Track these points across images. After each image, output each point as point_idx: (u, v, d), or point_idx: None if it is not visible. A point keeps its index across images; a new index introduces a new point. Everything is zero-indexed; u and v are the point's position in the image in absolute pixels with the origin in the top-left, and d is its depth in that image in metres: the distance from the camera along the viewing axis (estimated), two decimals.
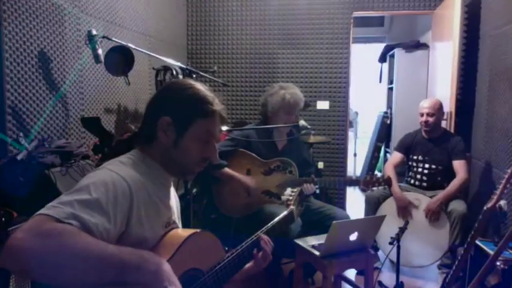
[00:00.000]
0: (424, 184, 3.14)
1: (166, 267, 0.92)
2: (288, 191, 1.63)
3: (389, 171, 3.18)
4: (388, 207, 3.05)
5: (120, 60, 2.31)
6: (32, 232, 0.82)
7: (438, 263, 2.96)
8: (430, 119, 3.05)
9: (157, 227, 1.09)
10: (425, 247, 2.93)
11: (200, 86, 1.15)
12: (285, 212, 1.49)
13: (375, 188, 3.00)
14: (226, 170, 2.59)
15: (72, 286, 0.85)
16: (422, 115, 3.09)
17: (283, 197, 1.60)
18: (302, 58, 3.99)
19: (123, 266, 0.86)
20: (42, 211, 0.87)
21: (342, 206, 4.03)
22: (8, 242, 0.80)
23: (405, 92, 4.93)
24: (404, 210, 2.99)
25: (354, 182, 2.98)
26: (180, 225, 1.25)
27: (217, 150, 1.18)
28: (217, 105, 1.14)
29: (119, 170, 1.02)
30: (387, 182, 2.62)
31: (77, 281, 0.83)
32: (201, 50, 4.13)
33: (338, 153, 4.04)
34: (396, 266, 2.26)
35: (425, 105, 3.09)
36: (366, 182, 2.58)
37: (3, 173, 1.55)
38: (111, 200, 0.94)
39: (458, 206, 2.85)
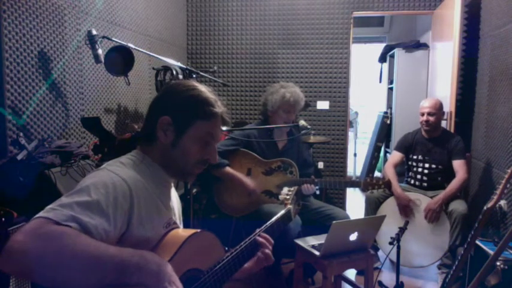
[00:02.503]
0: (425, 184, 3.14)
1: (168, 267, 0.92)
2: (285, 190, 1.64)
3: (389, 171, 3.18)
4: (388, 208, 3.05)
5: (120, 60, 2.31)
6: (32, 235, 0.81)
7: (438, 263, 2.96)
8: (431, 119, 3.04)
9: (158, 227, 1.09)
10: (425, 247, 2.93)
11: (203, 88, 1.15)
12: (283, 211, 1.49)
13: (375, 191, 3.00)
14: (228, 169, 2.59)
15: None
16: (423, 114, 3.08)
17: (281, 196, 1.61)
18: (302, 58, 4.00)
19: (124, 266, 0.86)
20: (41, 214, 0.87)
21: (342, 206, 4.03)
22: (7, 244, 0.80)
23: (405, 92, 4.93)
24: (406, 208, 2.99)
25: (354, 184, 2.97)
26: (180, 226, 1.25)
27: (217, 151, 1.17)
28: (219, 108, 1.14)
29: (119, 171, 1.02)
30: (387, 184, 2.62)
31: (78, 282, 0.83)
32: (201, 50, 4.13)
33: (338, 153, 4.04)
34: (396, 266, 2.26)
35: (426, 104, 3.09)
36: (366, 184, 2.58)
37: (3, 173, 1.55)
38: (111, 202, 0.94)
39: (458, 206, 2.84)
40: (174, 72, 2.48)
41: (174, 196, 1.25)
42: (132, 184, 1.00)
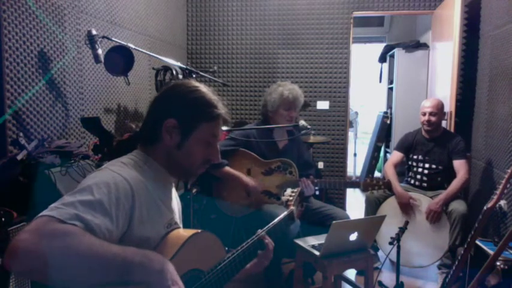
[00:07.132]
0: (425, 184, 3.13)
1: (170, 266, 0.93)
2: (288, 191, 1.63)
3: (389, 170, 3.18)
4: (388, 208, 3.05)
5: (120, 60, 2.31)
6: (36, 233, 0.82)
7: (438, 263, 2.96)
8: (433, 118, 3.04)
9: (159, 228, 1.09)
10: (425, 247, 2.93)
11: (205, 89, 1.16)
12: (285, 212, 1.48)
13: (375, 191, 3.00)
14: (227, 169, 2.59)
15: (77, 286, 0.85)
16: (424, 114, 3.07)
17: (284, 198, 1.60)
18: (302, 58, 4.00)
19: (127, 265, 0.86)
20: (45, 212, 0.87)
21: (342, 206, 4.03)
22: (12, 243, 0.80)
23: (405, 92, 4.93)
24: (407, 206, 2.99)
25: (354, 184, 2.97)
26: (181, 226, 1.25)
27: (219, 151, 1.18)
28: (222, 109, 1.16)
29: (121, 170, 1.02)
30: (387, 185, 2.62)
31: (82, 281, 0.84)
32: (201, 50, 4.13)
33: (338, 153, 4.04)
34: (396, 266, 2.25)
35: (427, 104, 3.08)
36: (366, 184, 2.58)
37: (3, 173, 1.55)
38: (113, 201, 0.94)
39: (458, 206, 2.84)
40: (174, 72, 2.48)
41: (175, 197, 1.25)
42: (133, 184, 1.01)
